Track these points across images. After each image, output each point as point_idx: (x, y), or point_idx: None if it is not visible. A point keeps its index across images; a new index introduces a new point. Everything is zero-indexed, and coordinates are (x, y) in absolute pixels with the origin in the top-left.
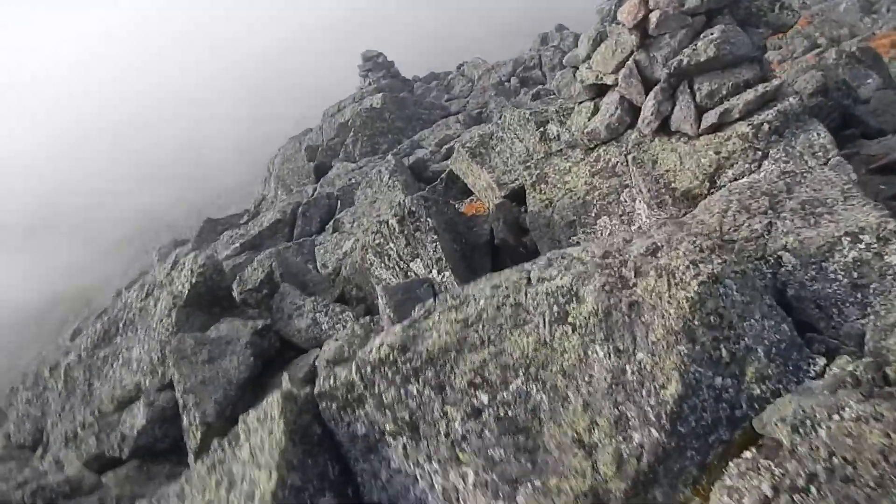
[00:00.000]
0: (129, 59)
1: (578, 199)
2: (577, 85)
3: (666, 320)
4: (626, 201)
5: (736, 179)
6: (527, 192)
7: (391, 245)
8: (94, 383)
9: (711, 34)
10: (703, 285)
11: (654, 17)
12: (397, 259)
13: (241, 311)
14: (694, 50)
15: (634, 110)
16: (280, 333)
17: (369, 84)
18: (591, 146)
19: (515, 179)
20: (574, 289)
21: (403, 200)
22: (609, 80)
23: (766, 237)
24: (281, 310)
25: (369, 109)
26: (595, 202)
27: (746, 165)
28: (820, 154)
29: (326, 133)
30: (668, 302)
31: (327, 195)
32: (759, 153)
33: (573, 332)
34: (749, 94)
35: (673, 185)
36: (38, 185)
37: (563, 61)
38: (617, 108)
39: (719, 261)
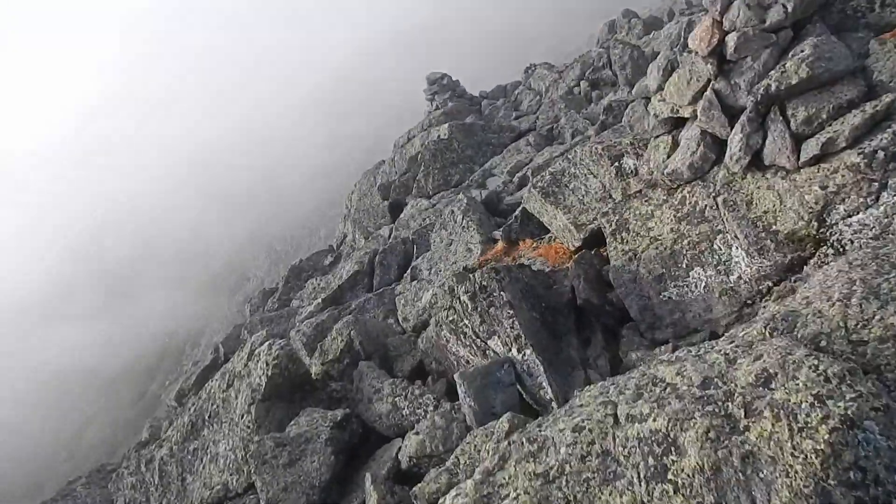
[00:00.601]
0: (203, 96)
1: (665, 248)
2: (651, 119)
3: (792, 479)
4: (720, 249)
5: (850, 217)
6: (607, 241)
7: (465, 322)
8: (186, 478)
9: (802, 51)
10: (836, 432)
11: (731, 40)
12: (473, 337)
13: (322, 388)
14: (783, 72)
15: (719, 144)
16: (362, 418)
17: (436, 108)
18: (674, 186)
19: (594, 219)
20: (672, 435)
21: (474, 275)
22: (686, 113)
23: None
24: (360, 391)
25: (437, 141)
26: (685, 251)
27: (861, 200)
28: None
29: (399, 166)
30: (793, 454)
31: (402, 240)
32: (876, 184)
33: (675, 492)
34: (855, 118)
35: (774, 227)
36: (136, 230)
37: (633, 92)
38: (699, 145)
39: (852, 394)
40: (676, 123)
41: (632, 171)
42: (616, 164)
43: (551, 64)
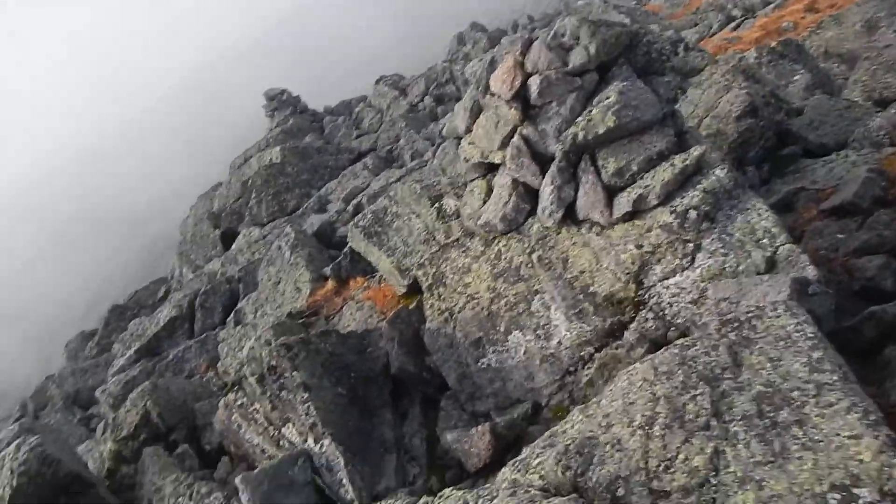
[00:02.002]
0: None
1: (483, 308)
2: (462, 163)
3: None
4: (538, 311)
5: (667, 279)
6: (423, 297)
7: (256, 407)
8: None
9: (608, 97)
10: None
11: (534, 83)
12: (266, 424)
13: (112, 475)
14: (589, 120)
15: (532, 193)
16: None
17: (276, 125)
18: (490, 237)
19: (417, 264)
20: None
21: (261, 354)
22: (496, 158)
23: (713, 486)
24: (142, 486)
25: (269, 166)
26: (502, 313)
27: (677, 261)
28: (765, 241)
29: (233, 191)
30: None
31: (227, 279)
32: (690, 245)
33: None
34: (666, 173)
35: (592, 288)
36: None
37: (443, 132)
38: (510, 194)
39: None
40: (490, 168)
41: (454, 213)
42: (437, 204)
43: (401, 76)
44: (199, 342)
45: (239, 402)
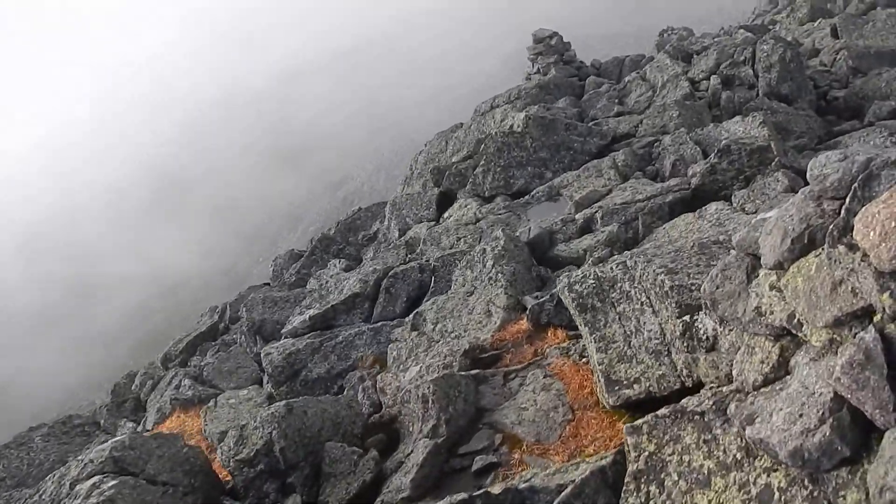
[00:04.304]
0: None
1: None
2: (750, 309)
3: None
4: None
5: None
6: (624, 485)
7: None
8: None
9: None
10: None
11: None
12: None
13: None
14: None
15: (863, 429)
16: None
17: (536, 70)
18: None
19: (637, 380)
20: None
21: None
22: (814, 338)
23: None
24: None
25: (508, 133)
26: None
27: None
28: None
29: (466, 144)
30: None
31: (420, 267)
32: None
33: None
34: None
35: None
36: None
37: (734, 242)
38: (824, 418)
39: None
40: (793, 339)
41: (707, 342)
42: (686, 318)
43: (690, 31)
44: (373, 331)
45: None
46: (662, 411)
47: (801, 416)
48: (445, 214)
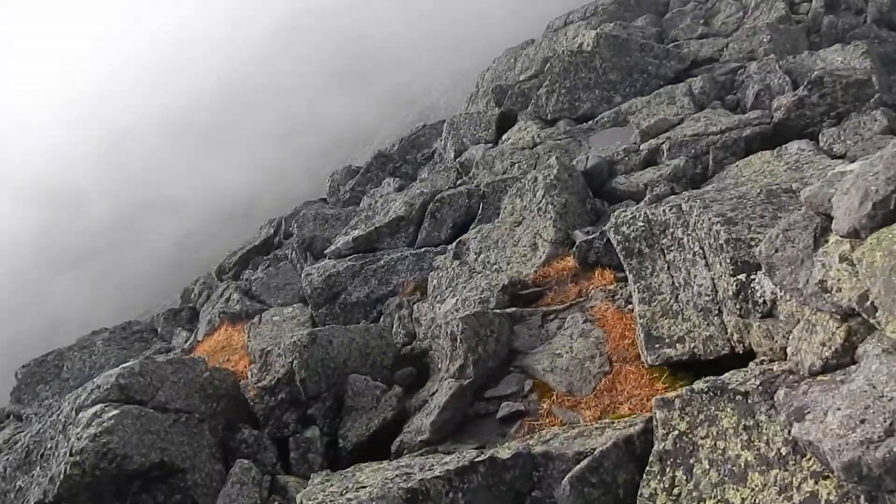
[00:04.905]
0: None
1: None
2: (814, 280)
3: None
4: None
5: None
6: (648, 464)
7: None
8: None
9: None
10: None
11: None
12: None
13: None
14: None
15: None
16: None
17: None
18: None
19: (681, 339)
20: None
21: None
22: (890, 329)
23: None
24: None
25: (576, 52)
26: None
27: None
28: None
29: (534, 62)
30: None
31: (468, 192)
32: None
33: None
34: None
35: None
36: None
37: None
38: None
39: None
40: (859, 318)
41: (764, 306)
42: (741, 276)
43: None
44: (416, 256)
45: None
46: (699, 385)
47: (863, 421)
48: (504, 137)
